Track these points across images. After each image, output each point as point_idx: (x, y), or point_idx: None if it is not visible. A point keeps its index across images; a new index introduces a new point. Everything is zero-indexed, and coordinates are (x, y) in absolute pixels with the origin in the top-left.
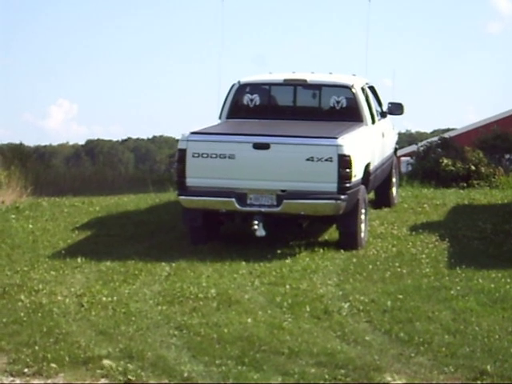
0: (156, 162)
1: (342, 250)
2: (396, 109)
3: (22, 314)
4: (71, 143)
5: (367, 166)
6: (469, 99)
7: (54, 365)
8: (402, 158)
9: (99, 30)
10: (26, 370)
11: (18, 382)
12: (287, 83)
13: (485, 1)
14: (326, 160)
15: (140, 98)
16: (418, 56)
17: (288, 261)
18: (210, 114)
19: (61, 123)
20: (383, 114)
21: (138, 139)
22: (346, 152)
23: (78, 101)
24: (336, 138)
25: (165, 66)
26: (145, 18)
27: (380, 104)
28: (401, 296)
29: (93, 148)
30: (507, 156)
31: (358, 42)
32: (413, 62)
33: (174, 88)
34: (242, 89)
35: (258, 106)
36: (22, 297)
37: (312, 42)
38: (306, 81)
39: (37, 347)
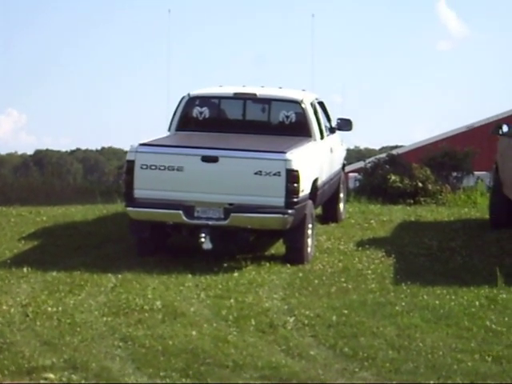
0: (104, 173)
1: (288, 265)
2: (345, 125)
3: None
4: (20, 153)
5: (315, 181)
6: (417, 117)
7: None
8: (350, 174)
9: (48, 40)
10: None
11: None
12: (237, 97)
13: (434, 19)
14: (274, 174)
15: (89, 109)
16: (368, 73)
17: (234, 274)
18: (159, 126)
19: (9, 133)
20: (332, 130)
21: (86, 150)
22: (294, 167)
23: (27, 111)
24: (284, 153)
25: (114, 78)
26: (93, 28)
27: (329, 119)
28: (346, 311)
29: (41, 158)
30: (454, 174)
31: (309, 57)
32: (363, 79)
33: (123, 99)
34: (191, 101)
35: (208, 119)
36: None
37: (262, 56)
38: (255, 95)
39: None
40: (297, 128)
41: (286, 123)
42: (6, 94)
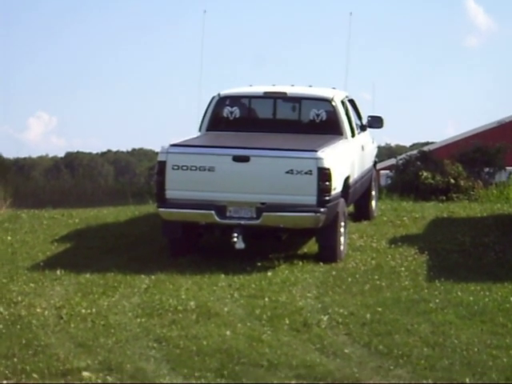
0: (136, 174)
1: (321, 263)
2: (375, 122)
3: (1, 326)
4: (50, 155)
5: (347, 179)
6: (448, 113)
7: (33, 376)
8: (382, 172)
9: (78, 42)
10: (4, 381)
11: None
12: (267, 96)
13: (462, 15)
14: (306, 173)
15: (119, 110)
16: (397, 70)
17: (267, 273)
18: (189, 127)
19: (40, 136)
20: (363, 128)
21: (117, 152)
22: (325, 165)
23: (57, 113)
24: (316, 151)
25: (144, 78)
26: (124, 31)
27: (360, 117)
28: (380, 309)
29: (72, 160)
30: (486, 169)
31: (338, 55)
32: (392, 76)
33: (153, 100)
34: (221, 101)
35: (238, 119)
36: (1, 309)
37: (292, 55)
38: (285, 93)
39: (15, 359)
40: (328, 126)
41: (317, 121)
42: (36, 97)
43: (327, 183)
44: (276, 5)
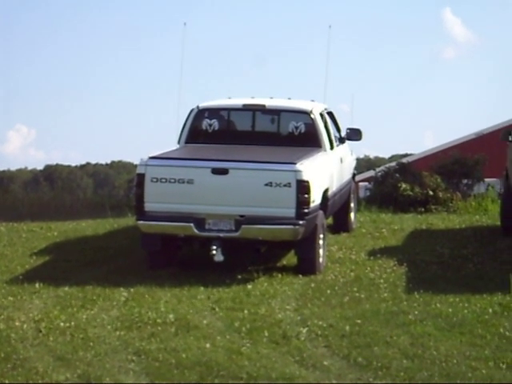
0: (115, 187)
1: (300, 275)
2: (354, 134)
3: None
4: (30, 168)
5: (325, 191)
6: (426, 125)
7: None
8: (360, 184)
9: (55, 54)
10: None
11: None
12: (246, 108)
13: (440, 27)
14: (285, 185)
15: (98, 122)
16: (376, 82)
17: (246, 286)
18: (168, 139)
19: (19, 148)
20: (341, 140)
21: (96, 164)
22: (304, 177)
23: (36, 126)
24: (295, 164)
25: (123, 91)
26: (103, 44)
27: (338, 129)
28: (359, 321)
29: (51, 173)
30: (465, 181)
31: (317, 67)
32: (371, 88)
33: (132, 113)
34: (200, 114)
35: (217, 131)
36: None
37: (271, 68)
38: (264, 106)
39: None
40: (306, 139)
41: (296, 134)
42: (14, 110)
43: (306, 196)
44: (256, 17)
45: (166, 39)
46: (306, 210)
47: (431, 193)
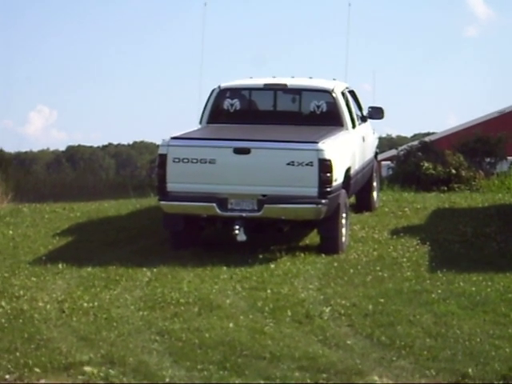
0: (137, 167)
1: (323, 255)
2: (376, 113)
3: (3, 321)
4: (52, 149)
5: (348, 170)
6: (449, 103)
7: (36, 370)
8: (383, 163)
9: (77, 35)
10: (7, 376)
11: None
12: (267, 88)
13: (461, 5)
14: (307, 164)
15: (120, 103)
16: (397, 61)
17: (269, 265)
18: (190, 120)
19: (41, 129)
20: (363, 119)
21: (118, 145)
22: (326, 156)
23: (58, 107)
24: (317, 143)
25: (145, 71)
26: (125, 24)
27: (360, 108)
28: (382, 300)
29: (73, 154)
30: (487, 159)
31: (338, 46)
32: (393, 67)
33: (154, 93)
34: (222, 94)
35: (239, 111)
36: (3, 303)
37: (293, 47)
38: (286, 85)
39: (18, 353)
40: (328, 118)
41: (318, 113)
42: (36, 91)
43: (328, 175)
44: None
45: (187, 19)
46: (328, 189)
47: (454, 171)
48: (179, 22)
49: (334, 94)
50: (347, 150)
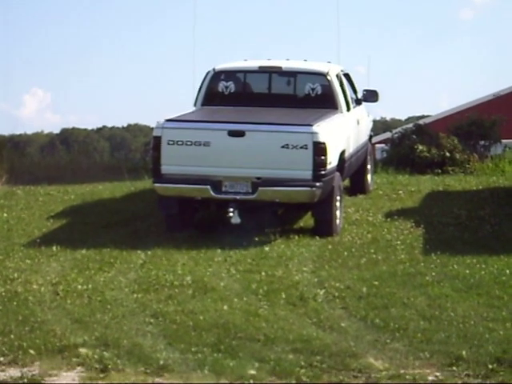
0: (131, 150)
1: (317, 237)
2: (371, 96)
3: None
4: (46, 132)
5: (342, 153)
6: (443, 86)
7: (30, 352)
8: (377, 145)
9: (71, 17)
10: (1, 358)
11: None
12: (262, 70)
13: None
14: (301, 147)
15: (115, 86)
16: (392, 43)
17: (263, 248)
18: (184, 102)
19: (35, 112)
20: (358, 102)
21: (113, 128)
22: (321, 139)
23: (52, 90)
24: (311, 126)
25: (139, 53)
26: (119, 5)
27: (355, 91)
28: (376, 282)
29: (68, 137)
30: (482, 142)
31: (332, 29)
32: (387, 50)
33: (148, 76)
34: (216, 76)
35: (233, 93)
36: None
37: (287, 30)
38: (280, 68)
39: (12, 336)
40: (323, 100)
41: (312, 96)
42: (31, 74)
43: (323, 157)
44: None
45: (180, 2)
46: (322, 172)
47: (448, 154)
48: (173, 6)
49: (328, 77)
50: (341, 133)
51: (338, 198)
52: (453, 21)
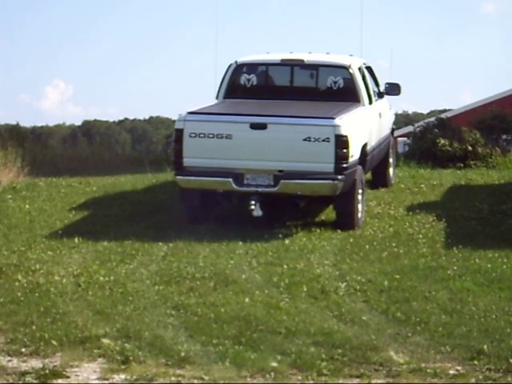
0: (153, 142)
1: (338, 230)
2: (393, 89)
3: (19, 294)
4: (68, 124)
5: (364, 146)
6: (465, 80)
7: (52, 343)
8: (399, 139)
9: (95, 10)
10: (23, 349)
11: (15, 361)
12: (284, 63)
13: None
14: (324, 140)
15: (136, 78)
16: (414, 37)
17: (285, 241)
18: (206, 95)
19: (57, 104)
20: (380, 95)
21: (134, 120)
22: (343, 132)
23: (74, 82)
24: (333, 119)
25: (161, 46)
26: None
27: (377, 84)
28: (398, 276)
29: (89, 129)
30: (504, 136)
31: (356, 23)
32: (409, 43)
33: (170, 68)
34: (239, 69)
35: (255, 86)
36: (19, 277)
37: (309, 23)
38: (303, 61)
39: (34, 327)
40: (345, 93)
41: (334, 89)
42: (52, 66)
43: (345, 150)
44: None
45: None
46: (344, 165)
47: (470, 148)
48: None
49: (350, 70)
50: (364, 126)
51: (360, 191)
52: (475, 14)
